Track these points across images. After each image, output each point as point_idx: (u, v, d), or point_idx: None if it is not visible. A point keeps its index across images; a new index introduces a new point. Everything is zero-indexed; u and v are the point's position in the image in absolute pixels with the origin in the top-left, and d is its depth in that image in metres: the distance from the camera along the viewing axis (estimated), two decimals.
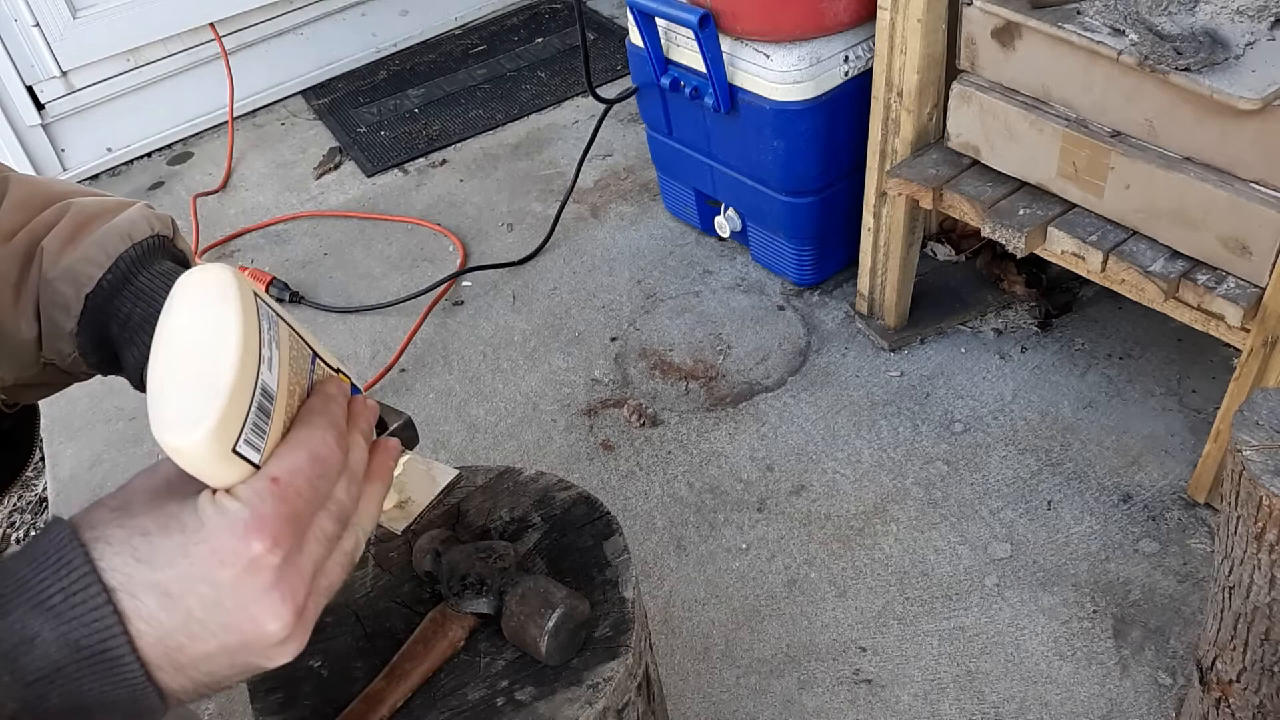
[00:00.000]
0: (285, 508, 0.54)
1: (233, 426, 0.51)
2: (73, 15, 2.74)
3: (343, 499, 0.58)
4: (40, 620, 0.50)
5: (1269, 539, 1.00)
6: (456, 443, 1.99)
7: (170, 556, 0.52)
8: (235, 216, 2.74)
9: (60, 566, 0.51)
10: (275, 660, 0.56)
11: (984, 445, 1.83)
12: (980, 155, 1.71)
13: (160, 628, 0.52)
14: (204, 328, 0.53)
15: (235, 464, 0.53)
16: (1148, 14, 1.43)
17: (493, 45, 3.35)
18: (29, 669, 0.50)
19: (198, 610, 0.52)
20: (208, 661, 0.54)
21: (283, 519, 0.53)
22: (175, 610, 0.52)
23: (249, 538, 0.52)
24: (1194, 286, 1.46)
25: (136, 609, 0.51)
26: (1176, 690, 1.46)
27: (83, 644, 0.51)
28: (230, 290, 0.54)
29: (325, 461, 0.57)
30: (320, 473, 0.56)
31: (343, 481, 0.58)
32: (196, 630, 0.52)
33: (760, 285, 2.25)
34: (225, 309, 0.53)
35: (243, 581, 0.52)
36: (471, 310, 2.31)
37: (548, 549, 1.01)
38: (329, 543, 0.57)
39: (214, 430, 0.50)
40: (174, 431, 0.50)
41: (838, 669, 1.54)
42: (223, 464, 0.52)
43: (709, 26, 1.87)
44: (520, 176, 2.72)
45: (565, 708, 0.87)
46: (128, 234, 0.77)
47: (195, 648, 0.53)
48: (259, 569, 0.52)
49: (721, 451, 1.90)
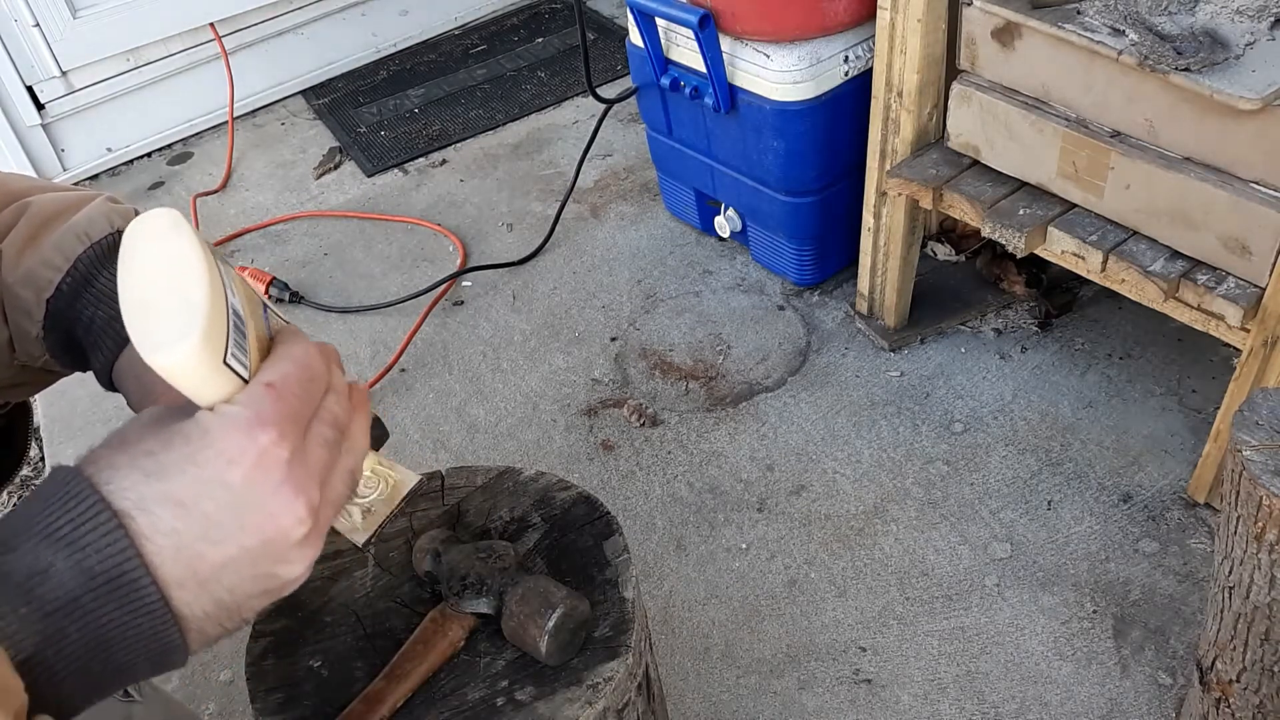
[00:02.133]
0: (284, 405, 0.54)
1: (218, 337, 0.52)
2: (73, 15, 2.74)
3: (335, 410, 0.58)
4: (52, 551, 0.50)
5: (1269, 539, 1.00)
6: (456, 443, 1.99)
7: (179, 466, 0.52)
8: (235, 216, 2.74)
9: (67, 499, 0.51)
10: (293, 567, 0.55)
11: (984, 445, 1.83)
12: (980, 155, 1.71)
13: (178, 538, 0.52)
14: (165, 257, 0.54)
15: (226, 376, 0.53)
16: (1148, 14, 1.43)
17: (493, 45, 3.35)
18: (45, 599, 0.49)
19: (214, 513, 0.52)
20: (228, 572, 0.53)
21: (284, 414, 0.54)
22: (191, 517, 0.52)
23: (254, 432, 0.52)
24: (1194, 286, 1.46)
25: (152, 524, 0.51)
26: (1176, 690, 1.46)
27: (97, 570, 0.50)
28: (180, 222, 0.55)
29: (313, 369, 0.57)
30: (310, 377, 0.56)
31: (331, 395, 0.58)
32: (215, 535, 0.52)
33: (760, 285, 2.25)
34: (180, 238, 0.54)
35: (254, 477, 0.52)
36: (471, 310, 2.31)
37: (548, 549, 1.01)
38: (330, 448, 0.57)
39: (203, 338, 0.51)
40: (165, 349, 0.50)
41: (838, 669, 1.54)
42: (215, 375, 0.52)
43: (709, 26, 1.87)
44: (520, 176, 2.72)
45: (565, 708, 0.87)
46: (85, 233, 0.75)
47: (215, 554, 0.52)
48: (269, 463, 0.53)
49: (721, 451, 1.90)
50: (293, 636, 0.97)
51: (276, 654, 0.96)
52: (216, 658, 1.68)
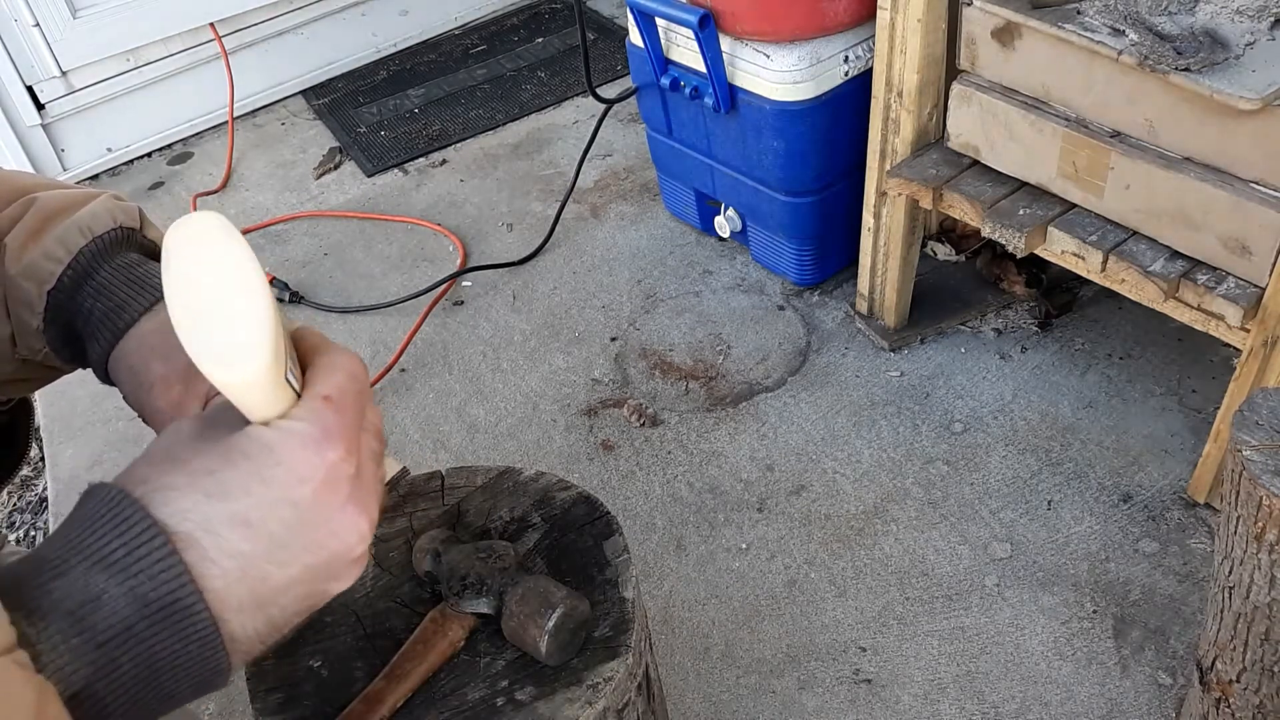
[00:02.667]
0: (344, 420, 0.53)
1: (281, 353, 0.51)
2: (73, 15, 2.74)
3: (376, 422, 0.58)
4: (104, 577, 0.48)
5: (1269, 539, 1.00)
6: (456, 443, 1.99)
7: (244, 485, 0.50)
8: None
9: (118, 523, 0.49)
10: (345, 581, 0.55)
11: (984, 445, 1.83)
12: (980, 155, 1.71)
13: (245, 559, 0.50)
14: (217, 263, 0.52)
15: (285, 391, 0.52)
16: (1148, 14, 1.43)
17: (493, 45, 3.35)
18: (99, 628, 0.48)
19: (280, 533, 0.51)
20: (287, 592, 0.52)
21: (347, 430, 0.53)
22: (258, 538, 0.50)
23: (324, 449, 0.51)
24: (1194, 286, 1.46)
25: (219, 545, 0.50)
26: (1176, 690, 1.46)
27: (151, 598, 0.48)
28: (230, 227, 0.53)
29: (359, 379, 0.56)
30: (360, 389, 0.56)
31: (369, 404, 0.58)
32: (281, 555, 0.51)
33: (760, 285, 2.25)
34: (233, 244, 0.52)
35: (322, 496, 0.52)
36: (471, 310, 2.31)
37: (548, 549, 1.01)
38: (377, 461, 0.57)
39: (272, 355, 0.50)
40: (232, 364, 0.49)
41: (838, 669, 1.54)
42: (277, 390, 0.51)
43: (709, 26, 1.87)
44: (520, 176, 2.72)
45: (565, 708, 0.87)
46: (88, 227, 0.76)
47: (279, 576, 0.51)
48: (337, 481, 0.52)
49: (721, 451, 1.90)
50: (292, 636, 0.97)
51: (276, 654, 0.96)
52: None
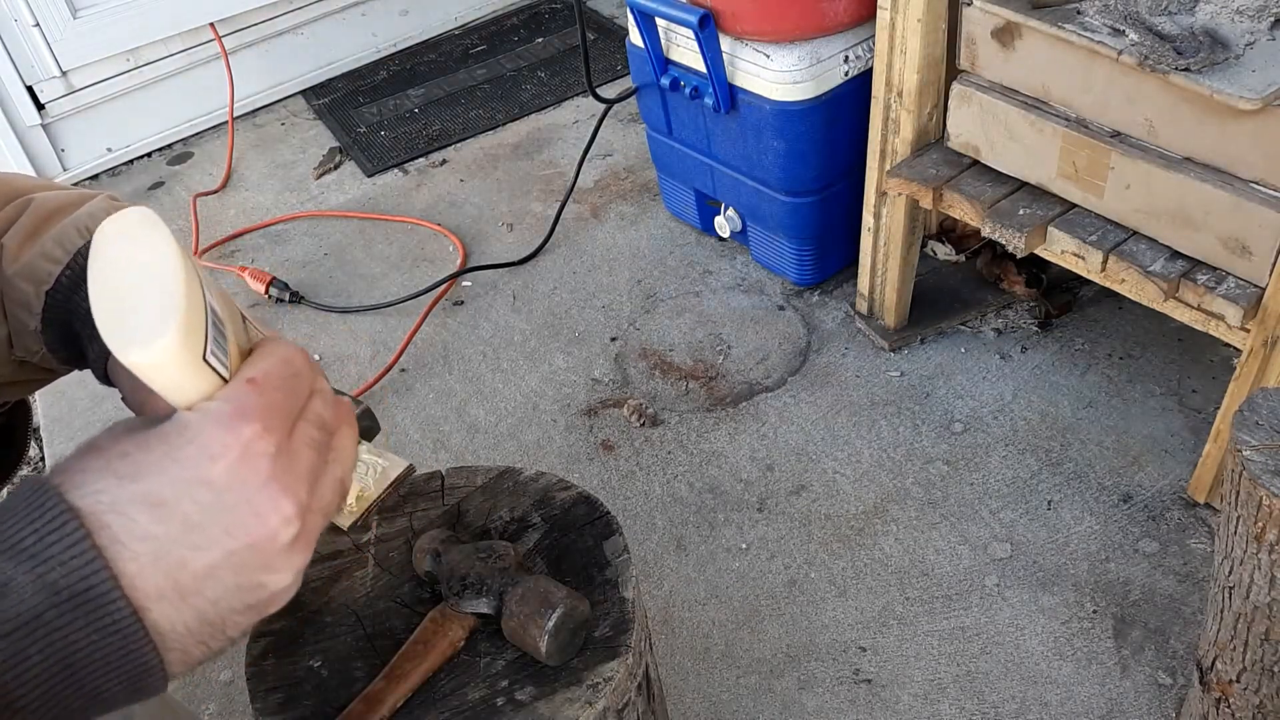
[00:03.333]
0: (267, 400, 0.51)
1: (197, 332, 0.50)
2: (73, 15, 2.74)
3: (321, 412, 0.55)
4: (12, 565, 0.46)
5: (1269, 539, 1.00)
6: (457, 443, 1.99)
7: (157, 465, 0.49)
8: (235, 216, 2.74)
9: (31, 510, 0.47)
10: (281, 575, 0.52)
11: (984, 445, 1.83)
12: (980, 155, 1.71)
13: (156, 543, 0.48)
14: (139, 253, 0.51)
15: (206, 374, 0.51)
16: (1148, 14, 1.43)
17: (493, 45, 3.35)
18: (4, 617, 0.46)
19: (195, 514, 0.49)
20: (212, 581, 0.50)
21: (267, 409, 0.51)
22: (171, 519, 0.48)
23: (236, 424, 0.49)
24: (1194, 286, 1.46)
25: (128, 528, 0.48)
26: (1176, 690, 1.46)
27: (61, 584, 0.46)
28: (153, 219, 0.53)
29: (296, 366, 0.54)
30: (294, 373, 0.54)
31: (316, 398, 0.55)
32: (197, 539, 0.49)
33: (760, 285, 2.25)
34: (153, 234, 0.52)
35: (238, 473, 0.49)
36: (471, 310, 2.31)
37: (548, 549, 1.01)
38: (317, 450, 0.54)
39: (182, 333, 0.48)
40: (142, 345, 0.48)
41: (838, 669, 1.54)
42: (195, 372, 0.50)
43: (709, 26, 1.87)
44: (520, 176, 2.72)
45: (565, 708, 0.87)
46: (85, 227, 0.75)
47: (197, 560, 0.49)
48: (253, 457, 0.50)
49: (721, 451, 1.90)
50: (293, 636, 0.97)
51: (276, 654, 0.96)
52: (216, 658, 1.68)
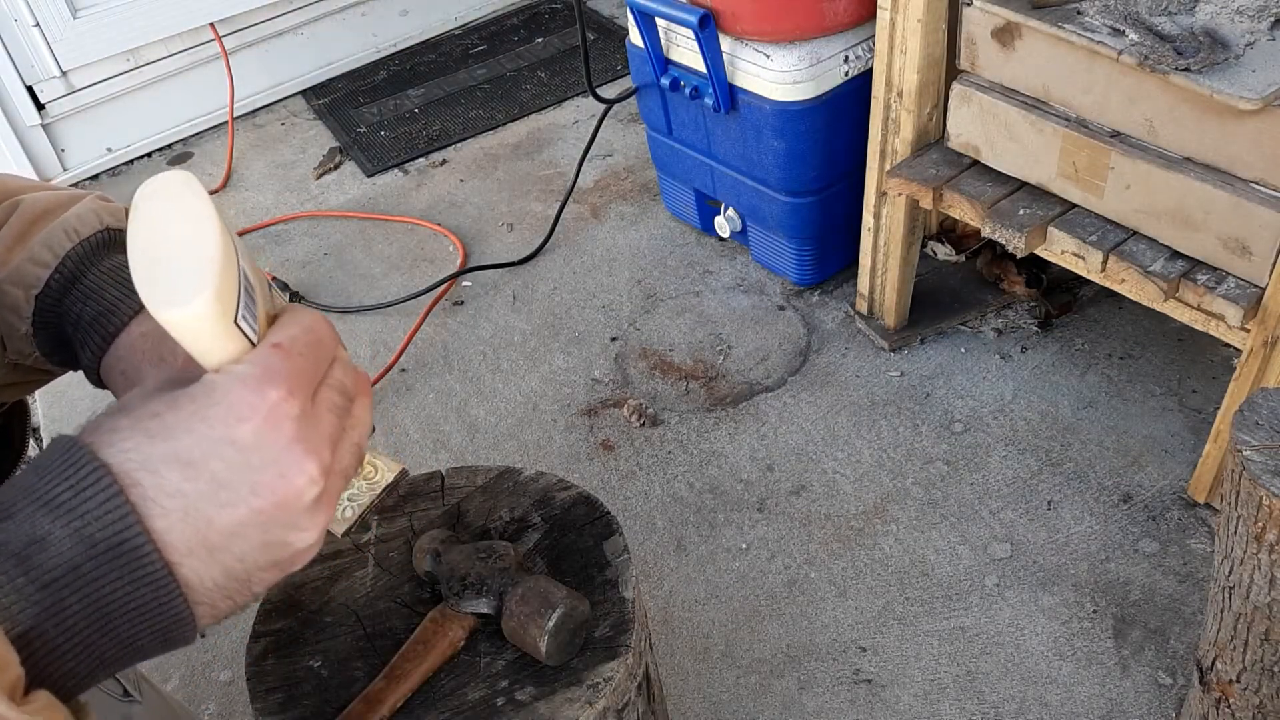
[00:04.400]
0: (292, 364, 0.52)
1: (230, 296, 0.51)
2: (73, 15, 2.74)
3: (342, 378, 0.56)
4: (50, 519, 0.48)
5: (1269, 539, 1.00)
6: (457, 443, 1.99)
7: (186, 425, 0.50)
8: (235, 216, 2.74)
9: (66, 466, 0.49)
10: (305, 534, 0.53)
11: (984, 445, 1.83)
12: (980, 155, 1.71)
13: (185, 500, 0.50)
14: (177, 215, 0.52)
15: (236, 337, 0.52)
16: (1148, 14, 1.43)
17: (493, 45, 3.35)
18: (44, 569, 0.48)
19: (223, 473, 0.50)
20: (239, 538, 0.51)
21: (293, 372, 0.52)
22: (199, 477, 0.50)
23: (263, 388, 0.51)
24: (1194, 286, 1.46)
25: (159, 485, 0.50)
26: (1176, 690, 1.46)
27: (98, 538, 0.48)
28: (193, 182, 0.54)
29: (320, 334, 0.55)
30: (318, 340, 0.55)
31: (338, 366, 0.57)
32: (224, 497, 0.50)
33: (760, 285, 2.25)
34: (193, 198, 0.53)
35: (265, 434, 0.51)
36: (471, 310, 2.31)
37: (548, 549, 1.01)
38: (339, 415, 0.55)
39: (216, 294, 0.49)
40: (177, 304, 0.49)
41: (838, 669, 1.54)
42: (226, 335, 0.51)
43: (709, 26, 1.87)
44: (520, 176, 2.72)
45: (565, 708, 0.87)
46: (74, 230, 0.75)
47: (225, 518, 0.51)
48: (279, 419, 0.51)
49: (721, 451, 1.90)
50: (293, 636, 0.97)
51: (276, 654, 0.96)
52: (216, 658, 1.68)
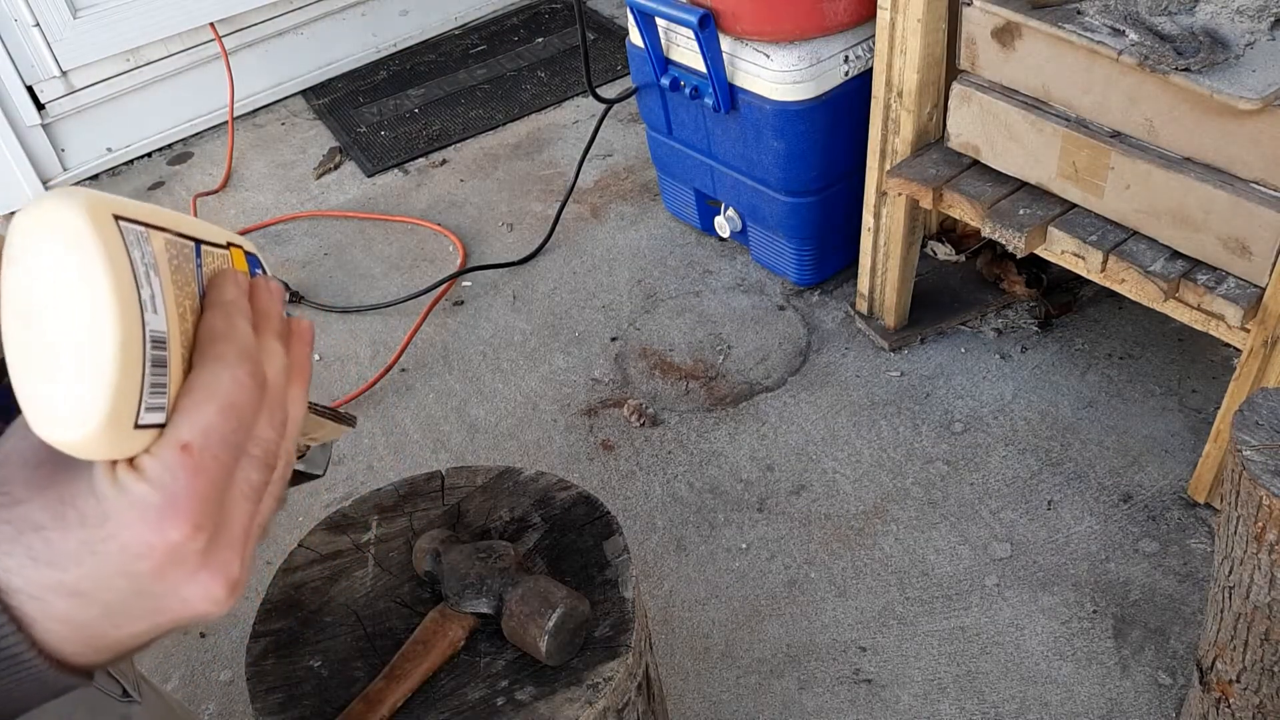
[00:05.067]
0: (201, 481, 0.46)
1: (130, 401, 0.43)
2: (73, 15, 2.74)
3: (267, 436, 0.50)
4: None
5: (1269, 539, 1.00)
6: (456, 443, 1.99)
7: (75, 555, 0.45)
8: (235, 216, 2.74)
9: None
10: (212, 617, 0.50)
11: (984, 445, 1.83)
12: (980, 155, 1.71)
13: (74, 624, 0.47)
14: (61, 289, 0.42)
15: (138, 437, 0.45)
16: (1148, 14, 1.43)
17: (493, 45, 3.35)
18: None
19: (117, 603, 0.47)
20: (137, 637, 0.49)
21: (200, 497, 0.46)
22: (90, 607, 0.46)
23: (163, 526, 0.45)
24: (1194, 286, 1.46)
25: (44, 610, 0.46)
26: (1176, 690, 1.46)
27: None
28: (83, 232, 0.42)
29: (240, 408, 0.48)
30: (236, 423, 0.48)
31: (264, 415, 0.50)
32: (119, 620, 0.47)
33: (760, 285, 2.25)
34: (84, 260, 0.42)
35: (165, 571, 0.46)
36: (471, 310, 2.31)
37: (548, 549, 1.01)
38: (256, 493, 0.50)
39: (110, 416, 0.42)
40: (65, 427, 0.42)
41: (838, 669, 1.54)
42: (125, 443, 0.44)
43: (709, 26, 1.87)
44: (520, 176, 2.72)
45: (565, 708, 0.87)
46: None
47: (121, 633, 0.48)
48: (180, 558, 0.46)
49: (721, 451, 1.90)
50: (293, 636, 0.97)
51: (276, 654, 0.96)
52: (216, 658, 1.68)
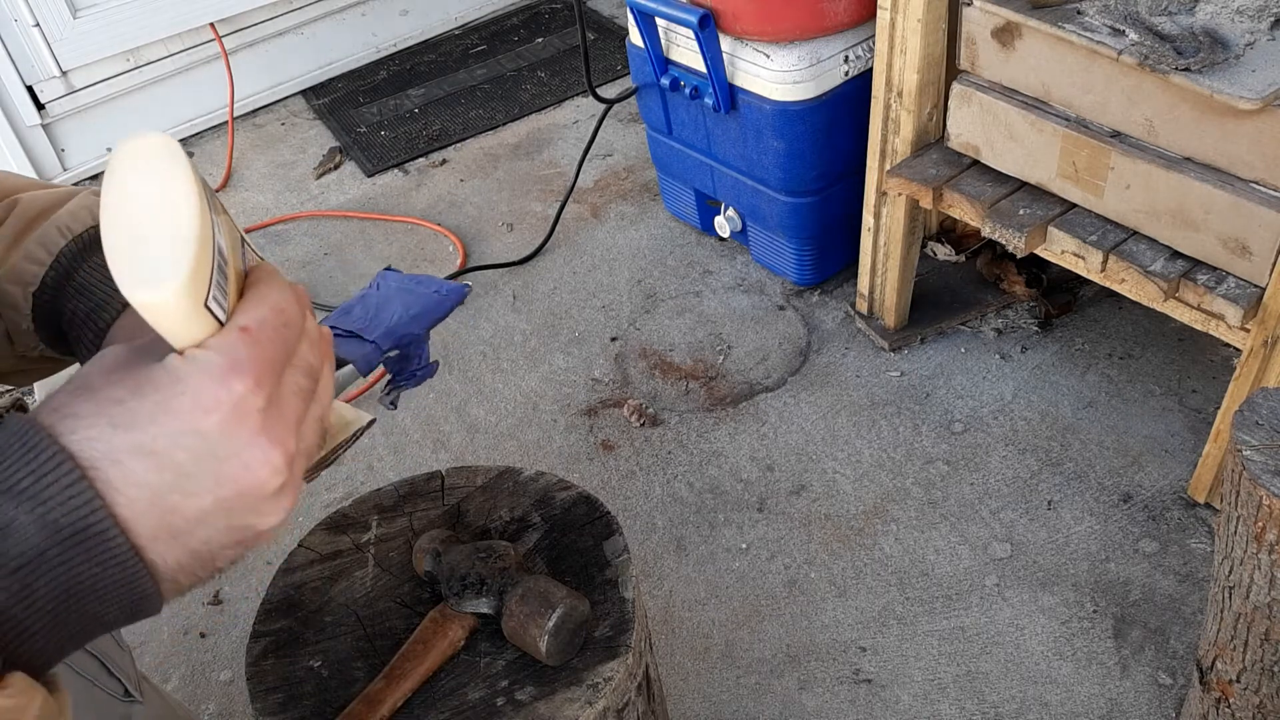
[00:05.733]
0: (260, 352, 0.52)
1: (203, 278, 0.50)
2: (73, 15, 2.74)
3: (309, 358, 0.56)
4: (13, 506, 0.48)
5: (1269, 539, 1.00)
6: (457, 443, 1.99)
7: (151, 415, 0.50)
8: (235, 216, 2.74)
9: (25, 451, 0.49)
10: (269, 518, 0.54)
11: (984, 445, 1.83)
12: (980, 155, 1.71)
13: (151, 490, 0.50)
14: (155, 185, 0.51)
15: (206, 319, 0.51)
16: (1148, 14, 1.43)
17: (493, 45, 3.35)
18: (9, 555, 0.48)
19: (188, 464, 0.50)
20: (203, 524, 0.52)
21: (260, 361, 0.52)
22: (164, 468, 0.50)
23: (229, 380, 0.50)
24: (1194, 286, 1.46)
25: (124, 475, 0.50)
26: (1176, 690, 1.46)
27: (62, 524, 0.49)
28: (176, 150, 0.52)
29: (289, 314, 0.55)
30: (285, 322, 0.54)
31: (305, 342, 0.56)
32: (189, 486, 0.51)
33: (760, 285, 2.25)
34: (175, 165, 0.51)
35: (230, 427, 0.51)
36: (471, 310, 2.31)
37: (548, 549, 1.01)
38: (304, 397, 0.55)
39: (190, 279, 0.49)
40: (150, 285, 0.48)
41: (838, 669, 1.54)
42: (195, 318, 0.50)
43: (709, 26, 1.87)
44: (520, 176, 2.72)
45: (565, 708, 0.87)
46: (67, 227, 0.76)
47: (190, 506, 0.51)
48: (245, 412, 0.51)
49: (721, 451, 1.90)
50: (293, 636, 0.97)
51: (276, 654, 0.96)
52: (216, 658, 1.68)
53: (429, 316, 0.97)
